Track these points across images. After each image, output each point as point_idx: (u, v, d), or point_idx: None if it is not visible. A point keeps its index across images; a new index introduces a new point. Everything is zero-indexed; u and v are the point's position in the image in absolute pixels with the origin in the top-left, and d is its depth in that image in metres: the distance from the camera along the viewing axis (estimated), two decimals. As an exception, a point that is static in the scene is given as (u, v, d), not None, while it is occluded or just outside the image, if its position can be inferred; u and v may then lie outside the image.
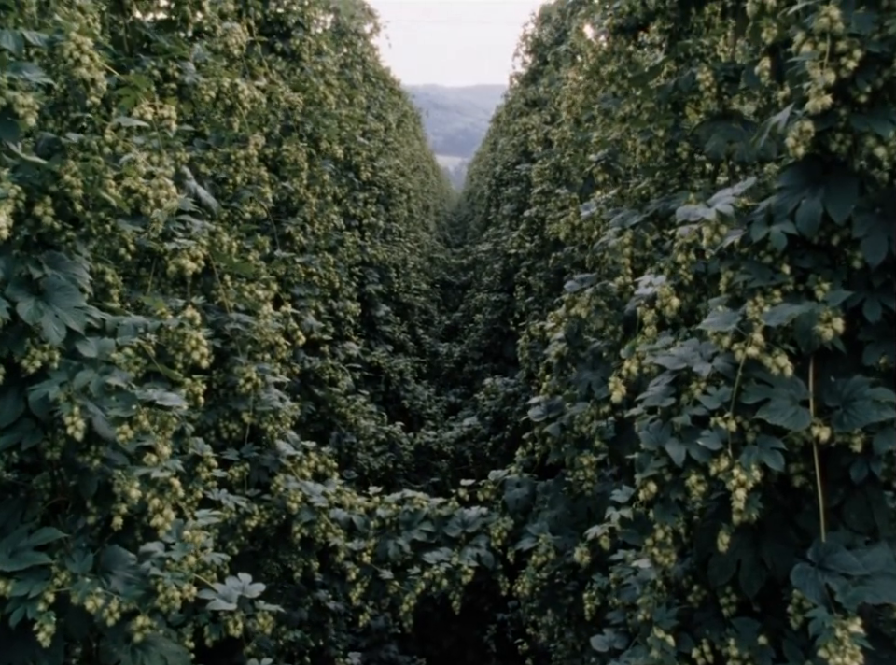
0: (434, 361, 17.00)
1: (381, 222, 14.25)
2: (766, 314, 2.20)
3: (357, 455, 9.14)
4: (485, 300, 15.18)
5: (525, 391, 9.68)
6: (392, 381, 12.74)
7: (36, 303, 2.45)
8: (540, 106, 12.93)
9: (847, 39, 2.09)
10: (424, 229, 24.76)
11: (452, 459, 10.43)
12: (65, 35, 2.41)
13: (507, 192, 14.79)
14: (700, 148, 3.70)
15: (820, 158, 2.36)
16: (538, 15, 15.96)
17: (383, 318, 13.74)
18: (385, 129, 16.10)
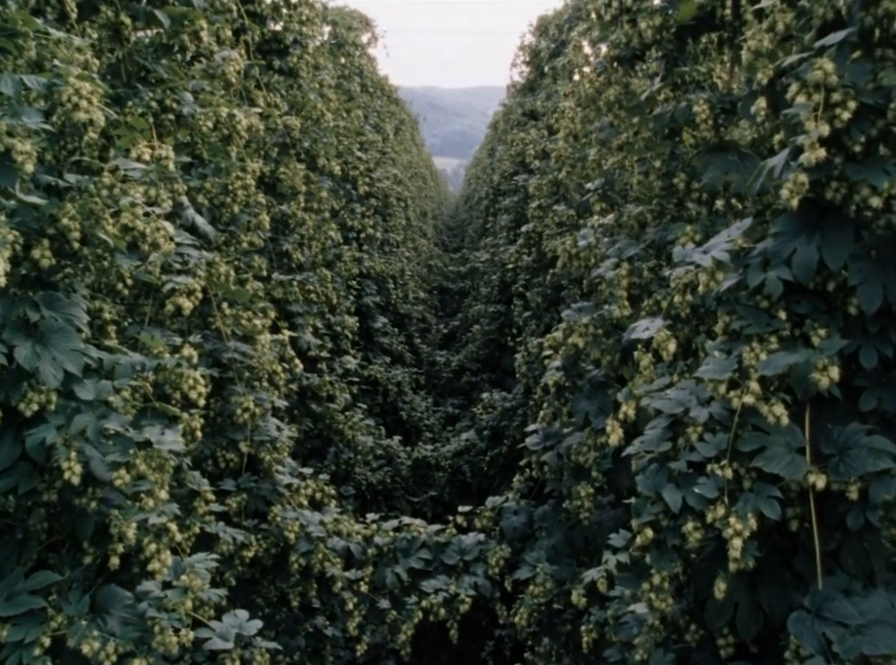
0: (432, 371, 16.99)
1: (378, 234, 14.27)
2: (762, 362, 2.21)
3: (355, 470, 9.13)
4: (483, 311, 15.20)
5: (522, 406, 9.68)
6: (390, 393, 12.74)
7: (34, 346, 2.45)
8: (538, 118, 12.97)
9: (842, 90, 2.10)
10: (422, 235, 24.80)
11: (449, 472, 10.42)
12: (64, 79, 2.42)
13: (504, 203, 14.82)
14: (697, 178, 3.71)
15: (816, 202, 2.37)
16: (535, 26, 16.01)
17: (380, 330, 13.74)
18: (382, 139, 16.14)
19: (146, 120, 3.58)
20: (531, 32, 16.30)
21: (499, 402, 10.07)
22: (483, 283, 17.03)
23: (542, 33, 15.24)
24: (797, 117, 2.13)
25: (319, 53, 8.67)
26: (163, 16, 3.83)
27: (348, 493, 8.76)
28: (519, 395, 9.72)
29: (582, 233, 4.08)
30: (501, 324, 14.34)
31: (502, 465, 10.04)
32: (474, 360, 15.39)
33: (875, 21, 2.16)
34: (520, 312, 9.64)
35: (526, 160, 11.68)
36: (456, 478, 10.84)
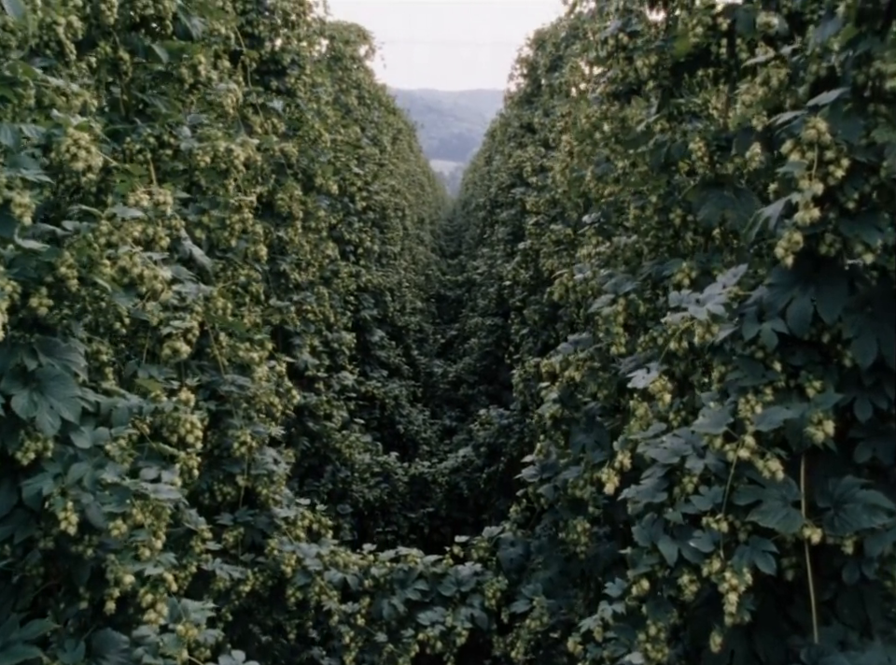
0: (429, 381, 16.99)
1: (376, 247, 14.29)
2: (758, 417, 2.22)
3: (352, 487, 9.12)
4: (480, 323, 15.21)
5: (519, 423, 9.68)
6: (387, 407, 12.73)
7: (31, 394, 2.45)
8: (535, 132, 13.01)
9: (835, 148, 2.12)
10: (419, 242, 24.85)
11: (447, 489, 10.41)
12: (63, 128, 2.43)
13: (501, 216, 14.85)
14: (693, 213, 3.73)
15: (811, 253, 2.38)
16: (532, 39, 16.07)
17: (378, 344, 13.75)
18: (380, 151, 16.17)
19: (143, 156, 3.61)
20: (528, 45, 16.39)
21: (496, 418, 10.07)
22: (480, 294, 17.05)
23: (539, 46, 15.31)
24: (792, 173, 2.15)
25: (317, 69, 8.70)
26: (162, 51, 3.84)
27: (345, 512, 8.75)
28: (516, 412, 9.72)
29: (578, 266, 4.09)
30: (499, 337, 14.35)
31: (499, 480, 10.03)
32: (471, 373, 15.39)
33: (867, 78, 2.18)
34: (517, 329, 9.66)
35: (524, 175, 11.72)
36: (453, 494, 10.83)
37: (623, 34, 3.71)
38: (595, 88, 3.87)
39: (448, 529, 11.70)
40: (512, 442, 9.69)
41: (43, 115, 2.76)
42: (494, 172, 19.23)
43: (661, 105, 4.11)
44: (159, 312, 2.80)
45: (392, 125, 21.17)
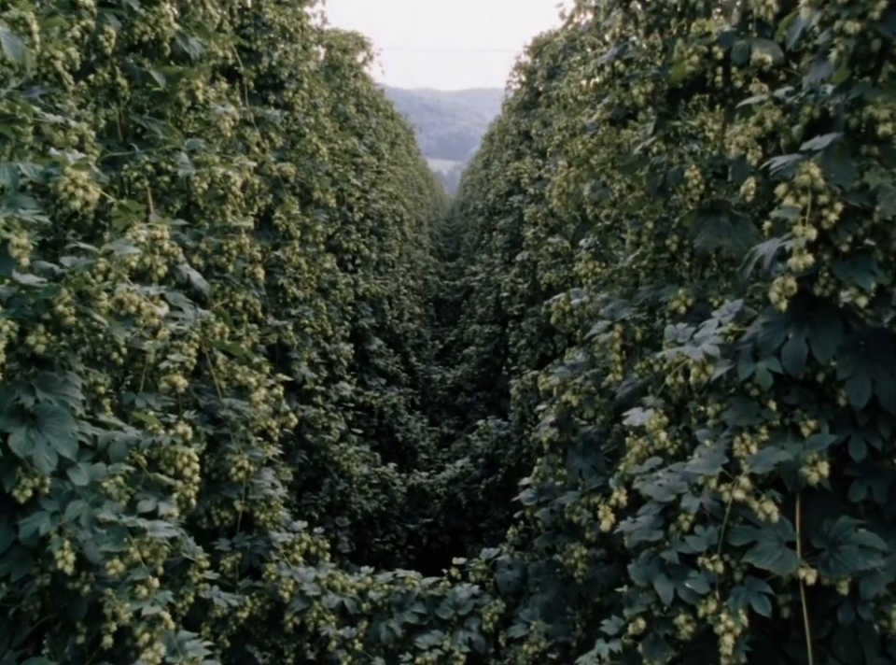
0: (427, 388, 17.00)
1: (374, 255, 14.31)
2: (752, 458, 2.23)
3: (350, 499, 9.11)
4: (478, 331, 15.22)
5: (517, 434, 9.69)
6: (385, 415, 12.74)
7: (28, 432, 2.45)
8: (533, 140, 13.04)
9: (828, 193, 2.13)
10: (417, 246, 24.89)
11: (445, 499, 10.41)
12: (61, 169, 2.43)
13: (499, 224, 14.88)
14: (689, 238, 3.74)
15: (805, 292, 2.40)
16: (530, 46, 16.12)
17: (376, 352, 13.76)
18: (378, 159, 16.20)
19: (141, 183, 3.61)
20: (526, 52, 16.46)
21: (494, 429, 10.07)
22: (478, 301, 17.07)
23: (537, 54, 15.36)
24: (786, 217, 2.16)
25: (314, 80, 8.71)
26: (159, 76, 3.85)
27: (343, 524, 8.75)
28: (514, 423, 9.73)
29: (575, 290, 4.10)
30: (497, 345, 14.37)
31: (497, 493, 10.04)
32: (470, 381, 15.40)
33: (859, 121, 2.19)
34: (515, 341, 9.67)
35: (522, 185, 11.76)
36: (451, 504, 10.83)
37: (620, 61, 3.73)
38: (592, 112, 3.88)
39: (446, 537, 11.71)
40: (510, 453, 9.71)
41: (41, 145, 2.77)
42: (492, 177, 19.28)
43: (657, 126, 4.12)
44: (156, 348, 2.80)
45: (390, 131, 21.21)
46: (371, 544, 10.39)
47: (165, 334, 2.52)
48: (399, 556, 10.67)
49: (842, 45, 2.09)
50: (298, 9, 8.34)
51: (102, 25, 3.31)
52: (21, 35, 2.63)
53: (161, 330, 2.49)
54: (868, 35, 2.11)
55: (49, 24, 2.83)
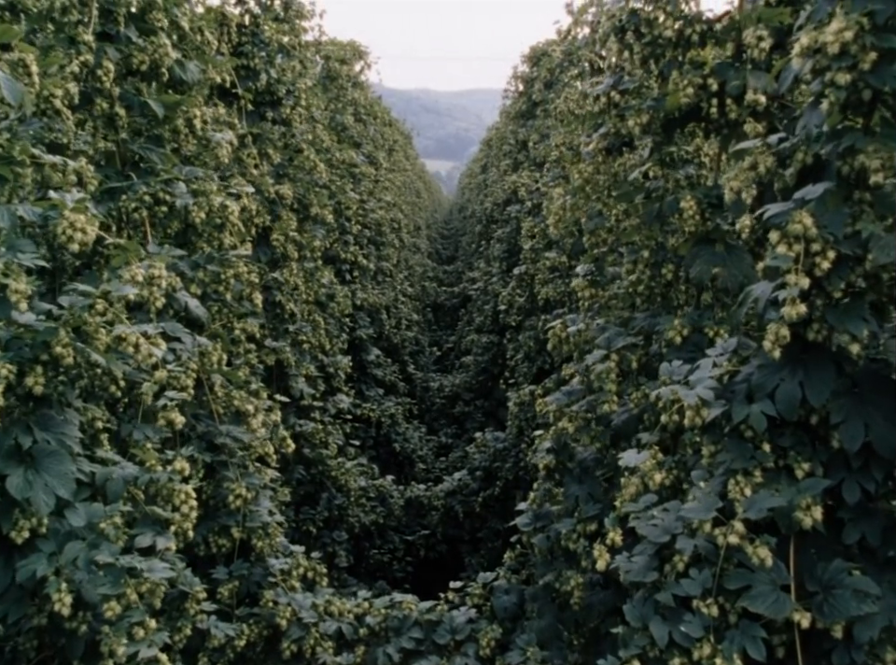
0: (425, 396, 17.01)
1: (371, 265, 14.32)
2: (746, 502, 2.24)
3: (348, 512, 9.12)
4: (476, 341, 15.25)
5: (515, 447, 9.70)
6: (383, 426, 12.75)
7: (26, 473, 2.46)
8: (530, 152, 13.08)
9: (821, 241, 2.15)
10: (415, 251, 24.96)
11: (442, 512, 10.42)
12: (59, 211, 2.45)
13: (497, 233, 14.92)
14: (685, 267, 3.76)
15: (799, 335, 2.41)
16: (528, 56, 16.19)
17: (374, 362, 13.77)
18: (375, 169, 16.23)
19: (139, 214, 3.63)
20: (523, 61, 16.55)
21: (492, 442, 10.08)
22: (476, 310, 17.10)
23: (535, 63, 15.42)
24: (778, 264, 2.18)
25: (312, 94, 8.74)
26: (157, 106, 3.87)
27: (341, 538, 8.75)
28: (511, 436, 9.75)
29: (571, 317, 4.12)
30: (494, 355, 14.39)
31: (495, 506, 10.04)
32: (468, 390, 15.43)
33: (851, 169, 2.21)
34: (513, 355, 9.69)
35: (519, 196, 11.79)
36: (449, 515, 10.83)
37: (615, 91, 3.75)
38: (588, 141, 3.90)
39: (444, 547, 11.72)
40: (508, 466, 9.72)
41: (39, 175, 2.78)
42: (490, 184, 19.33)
43: (653, 151, 4.15)
44: (153, 387, 2.81)
45: (388, 138, 21.25)
46: (369, 555, 10.39)
47: (163, 376, 2.53)
48: (396, 567, 10.68)
49: (833, 96, 2.11)
50: (296, 24, 8.38)
51: (101, 60, 3.32)
52: (21, 77, 2.65)
53: (158, 371, 2.50)
54: (859, 85, 2.13)
55: (49, 63, 2.85)
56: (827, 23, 2.12)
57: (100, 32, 3.68)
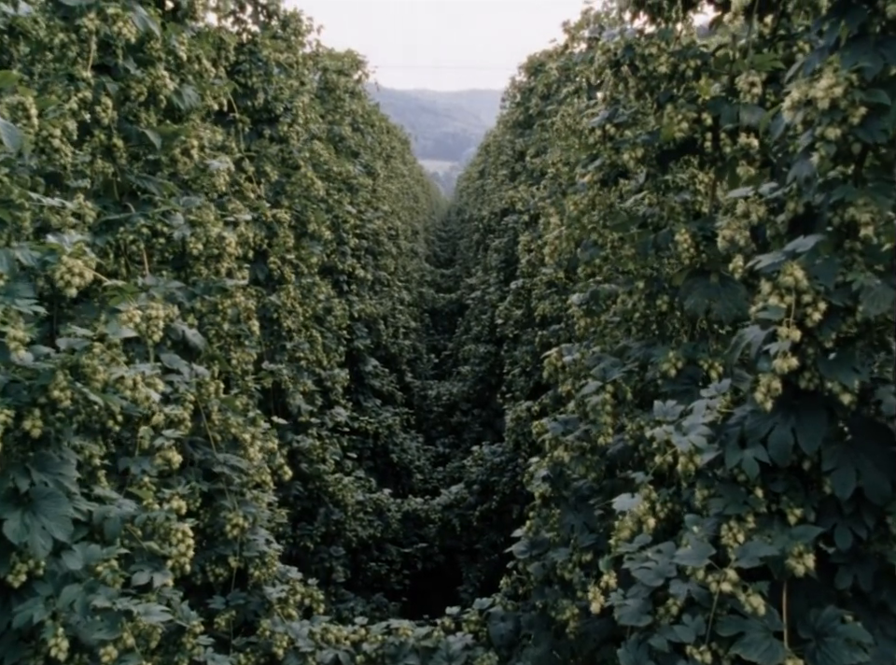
0: (423, 404, 17.04)
1: (369, 275, 14.35)
2: (739, 550, 2.26)
3: (345, 527, 9.12)
4: (474, 350, 15.27)
5: (511, 461, 9.72)
6: (380, 436, 12.76)
7: (23, 516, 2.47)
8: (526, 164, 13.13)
9: (812, 293, 2.18)
10: (413, 256, 25.03)
11: (440, 525, 10.42)
12: (58, 256, 2.46)
13: (494, 244, 14.96)
14: (679, 299, 3.78)
15: (791, 382, 2.43)
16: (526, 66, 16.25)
17: (371, 373, 13.78)
18: (373, 179, 16.27)
19: (137, 246, 3.65)
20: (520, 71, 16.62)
21: (489, 456, 10.10)
22: (473, 318, 17.14)
23: (532, 74, 15.49)
24: (770, 316, 2.20)
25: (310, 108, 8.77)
26: (155, 136, 3.89)
27: (338, 553, 8.75)
28: (508, 450, 9.76)
29: (566, 347, 4.14)
30: (492, 364, 14.43)
31: (492, 519, 10.06)
32: (465, 400, 15.45)
33: (841, 220, 2.24)
34: (509, 369, 9.71)
35: (516, 208, 11.83)
36: (447, 529, 10.84)
37: (611, 124, 3.78)
38: (584, 172, 3.93)
39: (442, 557, 11.73)
40: (505, 480, 9.74)
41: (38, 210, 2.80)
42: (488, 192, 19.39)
43: (647, 177, 4.17)
44: (149, 432, 2.83)
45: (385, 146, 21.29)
46: (367, 567, 10.39)
47: (160, 419, 2.54)
48: (394, 579, 10.69)
49: (823, 150, 2.13)
50: (293, 41, 8.41)
51: (99, 96, 3.34)
52: (20, 118, 2.67)
53: (155, 415, 2.51)
54: (849, 138, 2.16)
55: (47, 104, 2.87)
56: (817, 78, 2.15)
57: (98, 64, 3.71)
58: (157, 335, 3.10)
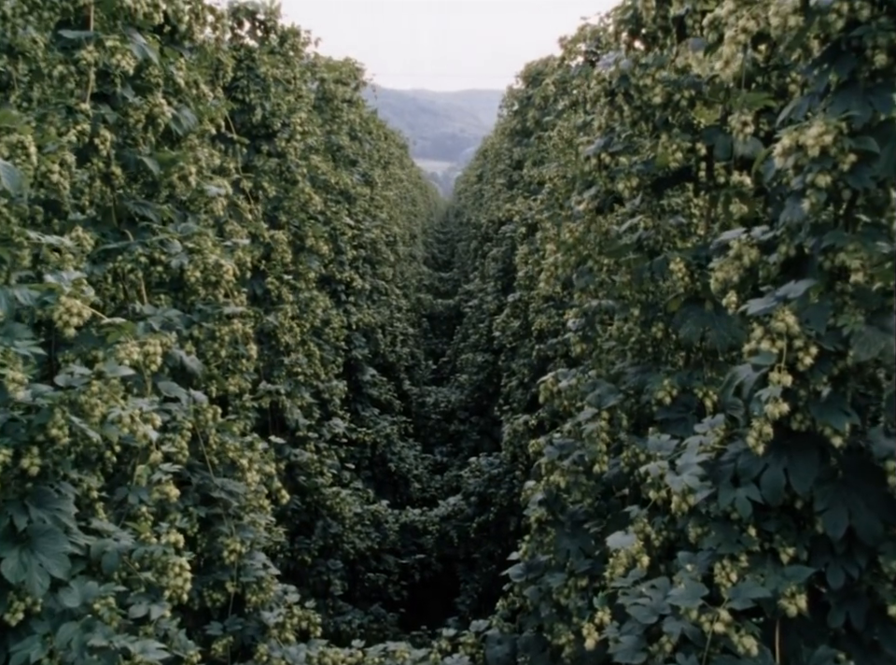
0: (421, 412, 17.05)
1: (367, 284, 14.37)
2: (732, 591, 2.28)
3: (343, 539, 9.13)
4: (471, 360, 15.29)
5: (509, 474, 9.73)
6: (378, 446, 12.77)
7: (21, 555, 2.49)
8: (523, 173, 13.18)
9: (804, 337, 2.20)
10: (411, 260, 25.09)
11: (437, 537, 10.43)
12: (56, 296, 2.48)
13: (492, 252, 14.99)
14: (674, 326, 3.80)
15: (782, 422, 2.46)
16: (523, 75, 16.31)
17: (369, 382, 13.79)
18: (371, 188, 16.30)
19: (135, 276, 3.66)
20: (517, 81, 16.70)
21: (486, 467, 10.11)
22: (471, 326, 17.17)
23: (529, 83, 15.55)
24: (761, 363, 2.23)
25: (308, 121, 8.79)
26: (153, 163, 3.91)
27: (336, 567, 8.76)
28: (506, 462, 9.78)
29: (563, 371, 4.16)
30: (489, 373, 14.45)
31: (489, 531, 10.07)
32: (463, 409, 15.48)
33: (832, 264, 2.27)
34: (506, 382, 9.73)
35: (514, 221, 11.87)
36: (444, 540, 10.85)
37: (606, 153, 3.81)
38: (580, 199, 3.95)
39: (440, 565, 11.74)
40: (502, 492, 9.75)
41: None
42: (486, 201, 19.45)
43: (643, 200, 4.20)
44: (147, 470, 2.84)
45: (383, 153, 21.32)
46: (364, 578, 10.40)
47: (157, 458, 2.56)
48: (391, 589, 10.69)
49: (814, 197, 2.16)
50: (291, 56, 8.44)
51: (97, 128, 3.36)
52: (19, 156, 2.69)
53: (152, 453, 2.53)
54: (839, 184, 2.19)
55: (46, 140, 2.89)
56: (808, 125, 2.17)
57: (97, 92, 3.73)
58: (155, 366, 3.12)
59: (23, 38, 4.21)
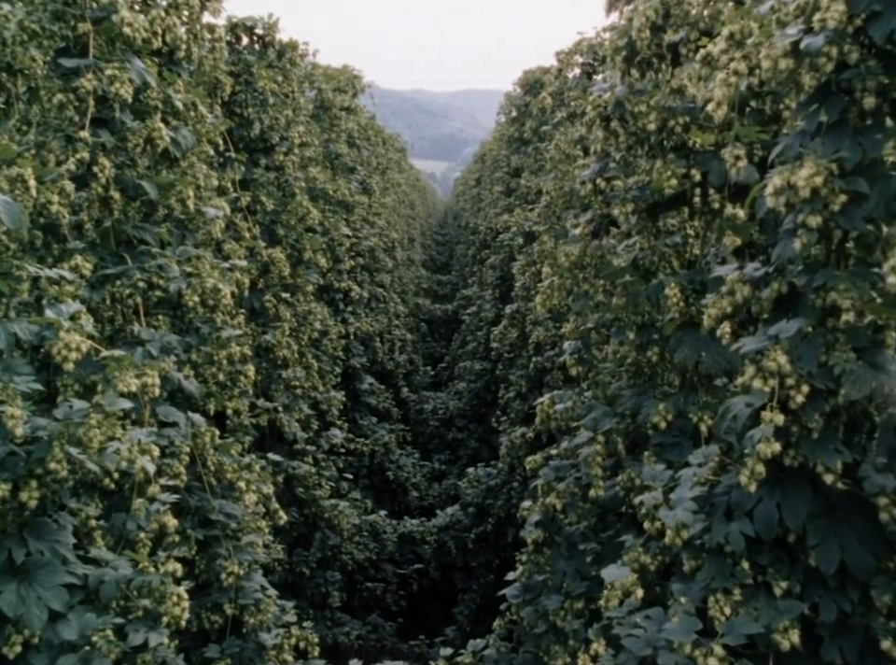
0: (419, 419, 17.07)
1: (365, 293, 14.40)
2: (726, 626, 2.30)
3: (341, 550, 9.14)
4: (469, 368, 15.31)
5: (507, 484, 9.75)
6: (376, 454, 12.78)
7: (19, 588, 2.50)
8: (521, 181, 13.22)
9: (795, 376, 2.22)
10: (410, 263, 25.15)
11: (435, 546, 10.44)
12: (55, 330, 2.50)
13: (490, 260, 15.03)
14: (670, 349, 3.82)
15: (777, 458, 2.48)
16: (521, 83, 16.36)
17: (367, 391, 13.81)
18: (369, 196, 16.33)
19: (133, 300, 3.68)
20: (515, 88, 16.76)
21: (485, 478, 10.13)
22: (469, 333, 17.20)
23: (527, 90, 15.60)
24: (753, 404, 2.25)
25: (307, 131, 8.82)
26: (151, 187, 3.94)
27: (334, 578, 8.76)
28: (504, 473, 9.80)
29: (559, 393, 4.19)
30: (487, 381, 14.47)
31: (488, 542, 10.08)
32: (461, 417, 15.50)
33: (823, 302, 2.29)
34: (504, 393, 9.75)
35: (511, 231, 11.91)
36: (442, 551, 10.86)
37: (601, 178, 3.83)
38: (576, 223, 3.98)
39: (438, 573, 11.75)
40: (500, 503, 9.76)
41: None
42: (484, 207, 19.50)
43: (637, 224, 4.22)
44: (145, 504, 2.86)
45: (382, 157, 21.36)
46: (363, 588, 10.40)
47: (156, 491, 2.58)
48: (390, 599, 10.70)
49: (805, 237, 2.18)
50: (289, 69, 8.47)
51: (96, 156, 3.39)
52: (19, 190, 2.71)
53: (150, 487, 2.55)
54: (830, 224, 2.21)
55: (45, 172, 2.91)
56: (799, 166, 2.20)
57: (95, 117, 3.75)
58: (153, 395, 3.14)
59: (23, 56, 4.24)
